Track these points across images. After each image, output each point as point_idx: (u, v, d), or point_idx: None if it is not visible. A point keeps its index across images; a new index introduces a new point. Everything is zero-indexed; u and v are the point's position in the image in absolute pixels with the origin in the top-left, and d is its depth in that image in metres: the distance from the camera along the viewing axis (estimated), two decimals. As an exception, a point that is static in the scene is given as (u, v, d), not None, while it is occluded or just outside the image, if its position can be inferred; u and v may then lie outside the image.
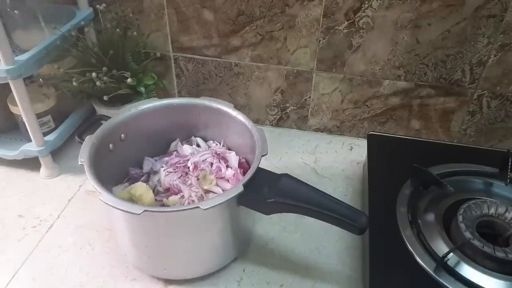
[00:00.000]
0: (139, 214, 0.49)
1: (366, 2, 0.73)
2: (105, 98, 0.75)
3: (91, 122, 0.69)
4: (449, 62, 0.77)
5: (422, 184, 0.65)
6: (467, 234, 0.55)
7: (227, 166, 0.68)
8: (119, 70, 0.75)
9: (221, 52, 0.85)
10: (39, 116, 0.76)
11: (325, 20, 0.77)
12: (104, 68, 0.73)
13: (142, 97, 0.80)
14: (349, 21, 0.76)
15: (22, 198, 0.74)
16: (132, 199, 0.61)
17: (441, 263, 0.53)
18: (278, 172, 0.57)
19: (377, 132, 0.78)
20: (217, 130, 0.71)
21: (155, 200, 0.64)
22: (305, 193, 0.55)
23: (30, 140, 0.74)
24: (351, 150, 0.87)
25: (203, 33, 0.83)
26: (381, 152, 0.73)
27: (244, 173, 0.66)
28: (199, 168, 0.67)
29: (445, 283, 0.52)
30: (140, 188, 0.62)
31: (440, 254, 0.54)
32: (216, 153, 0.69)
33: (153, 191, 0.66)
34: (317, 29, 0.78)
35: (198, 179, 0.65)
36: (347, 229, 0.54)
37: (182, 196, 0.63)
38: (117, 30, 0.77)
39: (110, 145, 0.64)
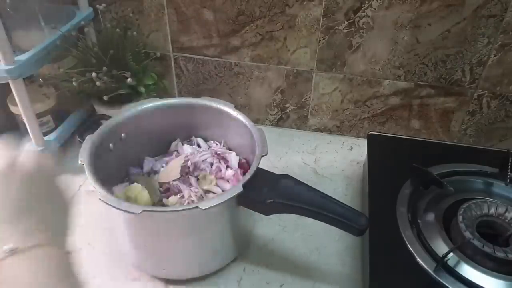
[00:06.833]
0: (139, 214, 0.49)
1: (366, 2, 0.73)
2: (105, 98, 0.75)
3: (91, 122, 0.69)
4: (449, 62, 0.77)
5: (422, 184, 0.65)
6: (467, 234, 0.55)
7: (227, 166, 0.68)
8: (119, 70, 0.75)
9: (221, 52, 0.85)
10: (39, 116, 0.76)
11: (325, 20, 0.77)
12: (104, 68, 0.73)
13: (142, 97, 0.80)
14: (349, 21, 0.76)
15: (22, 198, 0.74)
16: (128, 201, 0.61)
17: (441, 263, 0.53)
18: (278, 172, 0.57)
19: (377, 132, 0.78)
20: (217, 130, 0.71)
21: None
22: (305, 194, 0.55)
23: (30, 140, 0.74)
24: (351, 150, 0.87)
25: (203, 33, 0.83)
26: (381, 152, 0.73)
27: (244, 174, 0.66)
28: (199, 168, 0.67)
29: (445, 283, 0.52)
30: (135, 189, 0.61)
31: (440, 254, 0.54)
32: (216, 153, 0.69)
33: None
34: (317, 29, 0.78)
35: (198, 179, 0.65)
36: (347, 230, 0.54)
37: (182, 196, 0.63)
38: (117, 30, 0.77)
39: (110, 145, 0.64)
